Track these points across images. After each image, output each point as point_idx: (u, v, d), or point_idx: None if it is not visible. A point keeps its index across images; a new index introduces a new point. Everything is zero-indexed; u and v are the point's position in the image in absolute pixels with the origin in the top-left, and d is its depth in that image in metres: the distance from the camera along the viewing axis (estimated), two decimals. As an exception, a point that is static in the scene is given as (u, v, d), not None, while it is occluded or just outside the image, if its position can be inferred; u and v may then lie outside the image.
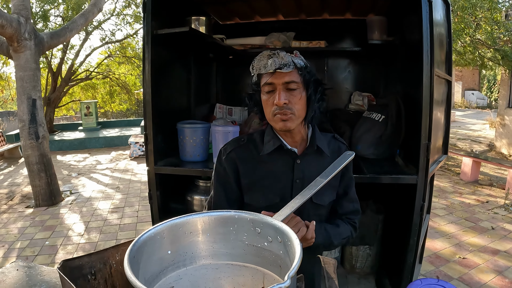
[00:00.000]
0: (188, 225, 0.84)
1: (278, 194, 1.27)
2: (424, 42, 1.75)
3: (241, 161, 1.30)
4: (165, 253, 0.81)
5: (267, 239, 0.82)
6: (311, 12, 2.78)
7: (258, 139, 1.33)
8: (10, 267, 1.23)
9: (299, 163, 1.28)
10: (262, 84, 1.21)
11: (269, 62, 1.16)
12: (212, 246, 0.85)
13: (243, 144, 1.33)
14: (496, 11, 6.50)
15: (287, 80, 1.16)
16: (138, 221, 4.34)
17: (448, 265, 3.23)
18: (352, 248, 2.48)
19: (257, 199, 1.29)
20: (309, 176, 1.26)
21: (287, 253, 0.74)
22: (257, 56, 1.22)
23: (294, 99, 1.18)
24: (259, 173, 1.29)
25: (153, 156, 2.01)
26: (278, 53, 1.18)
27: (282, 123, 1.18)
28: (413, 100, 2.03)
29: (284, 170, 1.28)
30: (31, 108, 4.86)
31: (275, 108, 1.18)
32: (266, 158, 1.28)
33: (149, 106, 1.96)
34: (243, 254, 0.84)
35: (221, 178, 1.34)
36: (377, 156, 2.22)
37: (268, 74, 1.18)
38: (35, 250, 3.55)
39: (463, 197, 5.35)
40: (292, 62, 1.17)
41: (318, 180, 1.10)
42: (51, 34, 5.45)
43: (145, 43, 1.94)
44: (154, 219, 2.13)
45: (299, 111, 1.19)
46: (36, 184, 5.01)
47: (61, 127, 12.81)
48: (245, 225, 0.85)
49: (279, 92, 1.16)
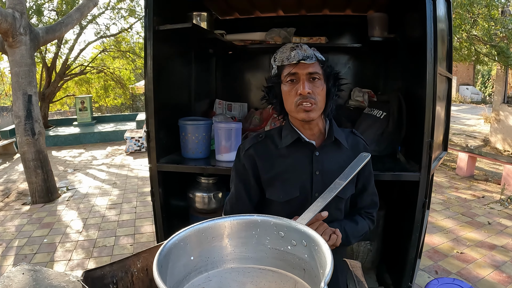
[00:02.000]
0: (211, 230, 0.84)
1: (298, 187, 1.29)
2: (428, 40, 1.74)
3: (260, 157, 1.32)
4: (188, 259, 0.81)
5: (291, 243, 0.82)
6: (311, 8, 2.77)
7: (276, 135, 1.36)
8: (16, 271, 1.21)
9: (317, 155, 1.29)
10: (285, 74, 1.23)
11: (292, 54, 1.21)
12: (234, 250, 0.85)
13: (261, 141, 1.35)
14: (493, 7, 6.52)
15: (311, 71, 1.20)
16: (136, 217, 4.33)
17: (446, 259, 3.26)
18: (353, 244, 2.49)
19: (278, 193, 1.31)
20: (329, 168, 1.30)
21: (313, 257, 0.74)
22: (280, 49, 1.27)
23: (317, 90, 1.21)
24: (279, 167, 1.31)
25: (155, 153, 2.00)
26: (301, 46, 1.23)
27: (305, 114, 1.21)
28: (415, 97, 2.04)
29: (303, 162, 1.31)
30: (27, 104, 4.81)
31: (298, 98, 1.21)
32: (285, 152, 1.31)
33: (151, 103, 1.95)
34: (265, 257, 0.84)
35: (240, 174, 1.36)
36: (379, 153, 2.22)
37: (292, 65, 1.21)
38: (34, 248, 3.53)
39: (459, 192, 5.39)
40: (314, 55, 1.22)
41: (337, 182, 1.10)
42: (46, 29, 5.39)
43: (147, 39, 1.91)
44: (156, 217, 2.12)
45: (320, 102, 1.23)
46: (33, 181, 4.98)
47: (56, 122, 12.71)
48: (268, 229, 0.85)
49: (303, 81, 1.20)
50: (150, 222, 4.10)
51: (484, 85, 24.93)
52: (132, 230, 3.92)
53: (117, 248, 3.49)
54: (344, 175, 1.13)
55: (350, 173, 1.14)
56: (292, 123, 1.32)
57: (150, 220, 4.16)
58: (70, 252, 3.42)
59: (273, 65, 1.29)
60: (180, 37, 2.27)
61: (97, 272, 0.90)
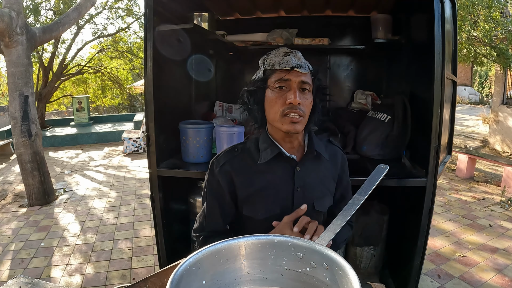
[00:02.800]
0: (225, 251, 0.79)
1: (278, 204, 1.22)
2: (436, 43, 1.70)
3: (237, 173, 1.24)
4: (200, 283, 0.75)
5: (311, 265, 0.77)
6: (314, 9, 2.72)
7: (252, 148, 1.27)
8: (12, 284, 1.16)
9: (299, 171, 1.23)
10: (275, 80, 1.15)
11: (286, 59, 1.13)
12: (249, 271, 0.79)
13: (237, 155, 1.26)
14: (494, 9, 6.50)
15: (304, 80, 1.14)
16: (135, 220, 4.27)
17: (449, 263, 3.23)
18: (357, 249, 2.45)
19: (257, 211, 1.23)
20: (311, 183, 1.25)
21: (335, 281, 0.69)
22: (272, 52, 1.19)
23: (306, 102, 1.16)
24: (257, 184, 1.23)
25: (155, 157, 1.94)
26: (296, 53, 1.16)
27: (291, 125, 1.14)
28: (421, 101, 2.00)
29: (284, 178, 1.23)
30: (23, 105, 4.75)
31: (287, 107, 1.13)
32: (264, 167, 1.22)
33: (151, 106, 1.89)
34: (281, 278, 0.79)
35: (214, 191, 1.27)
36: (383, 157, 2.18)
37: (284, 71, 1.13)
38: (31, 252, 3.47)
39: (460, 194, 5.37)
40: (307, 65, 1.16)
41: (356, 198, 1.05)
42: (43, 28, 5.33)
43: (147, 40, 1.86)
44: (156, 222, 2.07)
45: (307, 114, 1.17)
46: (29, 183, 4.91)
47: (53, 122, 12.64)
48: (286, 250, 0.79)
49: (294, 90, 1.13)
50: (149, 225, 4.04)
51: (481, 86, 24.98)
52: (131, 234, 3.87)
53: (116, 252, 3.43)
54: (362, 190, 1.09)
55: (369, 187, 1.10)
56: (271, 134, 1.24)
57: (148, 223, 4.11)
58: (67, 257, 3.36)
59: (260, 68, 1.21)
60: (182, 38, 2.22)
61: None
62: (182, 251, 2.45)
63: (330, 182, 1.32)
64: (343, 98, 2.91)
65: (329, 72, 2.90)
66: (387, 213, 2.41)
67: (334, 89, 2.92)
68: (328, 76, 2.89)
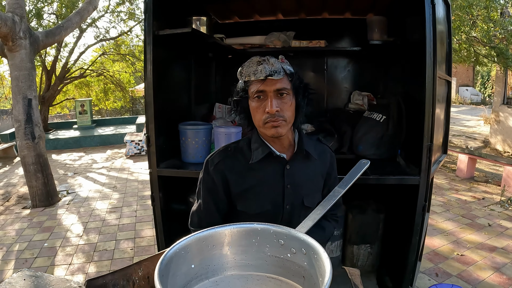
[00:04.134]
0: (212, 238, 0.85)
1: (269, 200, 1.28)
2: (427, 43, 1.75)
3: (230, 171, 1.29)
4: (189, 267, 0.81)
5: (291, 251, 0.83)
6: (311, 11, 2.78)
7: (245, 147, 1.33)
8: (17, 277, 1.21)
9: (289, 169, 1.28)
10: (252, 91, 1.19)
11: (259, 69, 1.15)
12: (234, 258, 0.85)
13: (230, 154, 1.32)
14: (492, 9, 6.53)
15: (279, 87, 1.16)
16: (137, 221, 4.33)
17: (447, 262, 3.26)
18: (354, 247, 2.49)
19: (249, 206, 1.29)
20: (300, 181, 1.30)
21: (312, 265, 0.75)
22: (246, 63, 1.21)
23: (285, 106, 1.18)
24: (250, 182, 1.28)
25: (155, 158, 2.00)
26: (268, 60, 1.17)
27: (274, 130, 1.19)
28: (415, 101, 2.04)
29: (275, 176, 1.28)
30: (27, 108, 4.81)
31: (266, 116, 1.17)
32: (256, 166, 1.28)
33: (151, 108, 1.95)
34: (265, 264, 0.85)
35: (209, 189, 1.32)
36: (379, 156, 2.23)
37: (259, 81, 1.16)
38: (34, 252, 3.53)
39: (460, 194, 5.39)
40: (282, 69, 1.17)
41: (336, 190, 1.10)
42: (46, 33, 5.40)
43: (147, 44, 1.92)
44: (157, 221, 2.12)
45: (289, 117, 1.20)
46: (33, 185, 4.98)
47: (56, 125, 12.73)
48: (268, 237, 0.86)
49: (270, 99, 1.16)
50: (151, 226, 4.09)
51: (483, 86, 24.94)
52: (133, 234, 3.92)
53: (118, 252, 3.48)
54: (343, 183, 1.14)
55: (349, 180, 1.15)
56: (262, 135, 1.30)
57: (150, 224, 4.16)
58: (70, 256, 3.42)
59: (239, 79, 1.25)
60: (180, 42, 2.27)
61: (99, 281, 0.90)
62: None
63: (319, 179, 1.37)
64: (340, 99, 2.95)
65: (326, 73, 2.94)
66: (383, 211, 2.45)
67: (332, 90, 2.97)
68: (325, 77, 2.94)
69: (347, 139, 2.37)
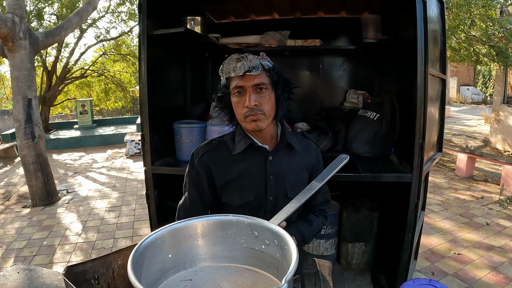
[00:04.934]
0: (188, 229, 0.87)
1: (252, 191, 1.31)
2: (418, 41, 1.76)
3: (214, 163, 1.33)
4: (166, 256, 0.83)
5: (265, 242, 0.85)
6: (306, 11, 2.79)
7: (229, 140, 1.36)
8: (11, 270, 1.24)
9: (271, 160, 1.32)
10: (232, 87, 1.24)
11: (238, 65, 1.19)
12: (211, 249, 0.87)
13: (215, 147, 1.36)
14: (490, 8, 6.51)
15: (256, 82, 1.20)
16: (135, 219, 4.35)
17: (443, 261, 3.26)
18: (348, 245, 2.50)
19: (233, 198, 1.32)
20: (282, 172, 1.32)
21: (284, 256, 0.77)
22: (226, 60, 1.26)
23: (264, 100, 1.22)
24: (233, 173, 1.31)
25: (150, 156, 2.02)
26: (246, 56, 1.21)
27: (254, 123, 1.22)
28: (408, 99, 2.05)
29: (257, 167, 1.32)
30: (27, 107, 4.85)
31: (246, 110, 1.21)
32: (239, 158, 1.31)
33: (145, 107, 1.97)
34: (241, 256, 0.87)
35: (194, 181, 1.36)
36: (372, 154, 2.24)
37: (238, 77, 1.21)
38: (33, 250, 3.55)
39: (458, 193, 5.38)
40: (260, 65, 1.21)
41: (313, 184, 1.12)
42: (46, 33, 5.43)
43: (141, 44, 1.94)
44: (152, 219, 2.15)
45: (269, 111, 1.23)
46: (33, 184, 5.01)
47: (57, 125, 12.76)
48: (243, 228, 0.87)
49: (249, 94, 1.20)
50: (149, 224, 4.09)
51: (485, 86, 24.87)
52: (131, 232, 3.94)
53: (116, 250, 3.50)
54: (320, 177, 1.16)
55: (327, 174, 1.17)
56: (245, 128, 1.32)
57: (148, 222, 4.16)
58: (69, 254, 3.44)
59: (221, 76, 1.29)
60: (175, 41, 2.29)
61: (79, 268, 0.92)
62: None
63: (303, 171, 1.39)
64: (336, 98, 2.97)
65: (322, 72, 2.95)
66: (377, 209, 2.47)
67: (327, 89, 2.98)
68: (321, 76, 2.95)
69: (341, 137, 2.39)
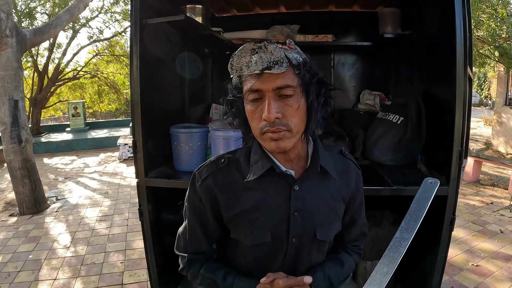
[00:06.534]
0: None
1: (269, 230, 1.00)
2: (458, 38, 1.53)
3: (221, 190, 1.02)
4: None
5: None
6: (316, 4, 2.54)
7: (242, 158, 1.05)
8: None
9: (297, 190, 1.00)
10: (245, 90, 0.91)
11: (254, 59, 0.86)
12: None
13: (222, 167, 1.04)
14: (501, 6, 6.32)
15: (280, 84, 0.86)
16: (128, 230, 4.06)
17: (462, 273, 3.04)
18: (367, 263, 2.25)
19: (243, 236, 1.01)
20: (311, 206, 1.01)
21: None
22: (237, 51, 0.90)
23: (290, 110, 0.88)
24: (245, 203, 1.01)
25: (143, 166, 1.73)
26: (265, 47, 0.86)
27: (274, 144, 0.90)
28: (438, 101, 1.82)
29: (278, 199, 1.00)
30: (13, 110, 4.57)
31: (264, 123, 0.89)
32: (253, 184, 1.00)
33: (137, 108, 1.69)
34: None
35: (195, 209, 1.06)
36: (396, 162, 1.98)
37: (253, 76, 0.88)
38: (18, 265, 3.26)
39: (467, 198, 5.19)
40: (285, 58, 0.86)
41: (397, 238, 0.83)
42: (34, 31, 5.17)
43: (133, 35, 1.66)
44: (146, 237, 1.87)
45: (296, 126, 0.90)
46: (20, 191, 4.72)
47: (49, 128, 12.43)
48: None
49: (268, 102, 0.87)
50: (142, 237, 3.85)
51: (480, 88, 24.89)
52: (123, 245, 3.65)
53: (107, 266, 3.22)
54: (410, 216, 0.87)
55: (418, 211, 0.88)
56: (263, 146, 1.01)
57: (142, 234, 3.91)
58: (56, 270, 3.16)
59: (230, 73, 0.96)
60: (172, 34, 2.03)
61: None
62: (175, 266, 2.25)
63: (338, 204, 1.08)
64: (348, 99, 2.72)
65: (333, 71, 2.71)
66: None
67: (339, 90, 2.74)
68: (332, 75, 2.70)
69: (359, 143, 2.13)
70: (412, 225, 0.83)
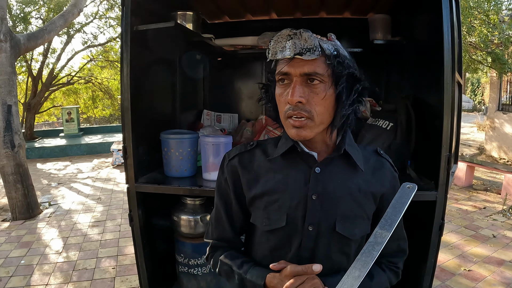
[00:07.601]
0: None
1: (285, 214, 0.96)
2: (445, 44, 1.54)
3: (244, 170, 1.03)
4: None
5: None
6: (307, 11, 2.56)
7: (271, 144, 1.05)
8: None
9: (318, 173, 0.96)
10: (277, 73, 0.92)
11: (288, 45, 0.87)
12: None
13: (250, 149, 1.06)
14: (493, 12, 6.39)
15: (307, 70, 0.87)
16: (120, 236, 4.04)
17: (454, 278, 3.05)
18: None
19: (259, 219, 1.00)
20: (333, 192, 0.96)
21: None
22: (275, 36, 0.92)
23: (315, 98, 0.88)
24: (265, 186, 0.99)
25: (133, 171, 1.73)
26: (300, 34, 0.87)
27: (295, 131, 0.89)
28: (427, 106, 1.83)
29: (297, 181, 0.97)
30: (6, 114, 4.56)
31: (288, 107, 0.89)
32: (276, 166, 1.00)
33: (128, 114, 1.69)
34: None
35: (222, 190, 1.08)
36: (386, 167, 1.99)
37: (285, 60, 0.89)
38: (10, 270, 3.23)
39: (460, 203, 5.22)
40: (318, 47, 0.86)
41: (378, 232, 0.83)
42: (28, 36, 5.15)
43: (123, 42, 1.67)
44: (136, 243, 1.87)
45: (320, 115, 0.89)
46: (12, 196, 4.69)
47: (42, 133, 12.34)
48: None
49: (294, 85, 0.87)
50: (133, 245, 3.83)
51: (474, 93, 25.07)
52: (115, 251, 3.63)
53: (98, 272, 3.20)
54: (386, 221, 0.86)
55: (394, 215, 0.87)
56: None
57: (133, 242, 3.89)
58: (47, 276, 3.13)
59: (267, 58, 0.95)
60: (163, 40, 2.03)
61: None
62: (166, 273, 2.24)
63: (367, 200, 1.01)
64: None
65: (324, 77, 2.72)
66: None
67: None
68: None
69: (349, 148, 2.14)
70: (387, 229, 0.83)
